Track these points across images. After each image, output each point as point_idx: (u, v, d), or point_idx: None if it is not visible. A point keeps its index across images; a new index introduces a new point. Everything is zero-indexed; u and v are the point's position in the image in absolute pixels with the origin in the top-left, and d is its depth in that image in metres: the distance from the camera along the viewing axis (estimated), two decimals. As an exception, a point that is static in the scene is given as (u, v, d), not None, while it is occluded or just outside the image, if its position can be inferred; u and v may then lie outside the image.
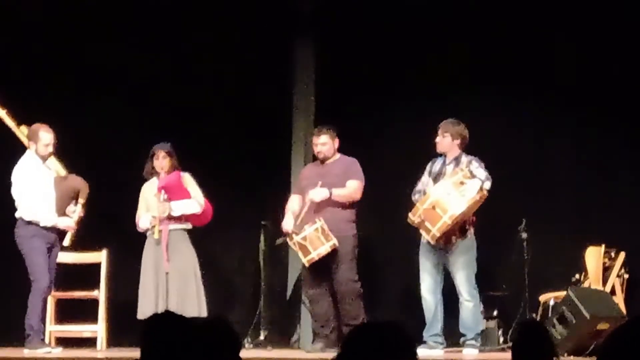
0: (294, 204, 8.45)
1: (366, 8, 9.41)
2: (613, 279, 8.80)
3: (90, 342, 8.83)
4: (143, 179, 8.49)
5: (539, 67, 9.22)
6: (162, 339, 3.07)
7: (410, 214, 7.89)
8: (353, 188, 8.30)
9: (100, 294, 8.82)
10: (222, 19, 9.57)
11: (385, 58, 9.53)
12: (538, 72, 9.20)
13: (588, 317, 7.50)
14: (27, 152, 8.16)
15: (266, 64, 9.65)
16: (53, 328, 8.78)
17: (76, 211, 8.16)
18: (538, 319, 8.51)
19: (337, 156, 8.47)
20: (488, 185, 7.91)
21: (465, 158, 8.07)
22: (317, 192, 8.20)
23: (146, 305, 8.07)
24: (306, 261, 8.13)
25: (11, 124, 8.36)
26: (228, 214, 8.74)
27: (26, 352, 7.87)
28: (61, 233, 8.15)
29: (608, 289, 8.70)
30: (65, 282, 8.63)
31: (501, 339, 8.80)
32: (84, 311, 8.85)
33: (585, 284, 8.75)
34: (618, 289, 8.78)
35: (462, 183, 7.83)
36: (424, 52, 9.41)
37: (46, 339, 8.36)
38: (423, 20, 9.32)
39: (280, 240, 8.69)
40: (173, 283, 8.14)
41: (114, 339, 8.85)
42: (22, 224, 8.04)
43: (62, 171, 8.27)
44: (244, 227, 9.48)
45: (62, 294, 8.74)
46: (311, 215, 8.21)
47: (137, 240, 8.41)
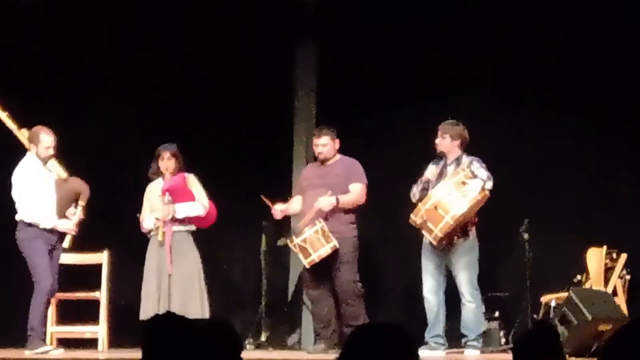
0: (296, 204, 8.47)
1: (367, 9, 9.41)
2: (615, 280, 8.80)
3: (91, 343, 8.84)
4: (144, 180, 8.47)
5: (540, 68, 9.22)
6: (164, 340, 3.07)
7: (412, 215, 7.88)
8: (357, 192, 8.28)
9: (101, 295, 8.83)
10: (223, 20, 9.57)
11: (386, 58, 9.53)
12: (539, 73, 9.20)
13: (590, 318, 7.50)
14: (28, 155, 8.15)
15: (267, 65, 9.66)
16: (54, 329, 8.78)
17: (77, 214, 8.14)
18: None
19: (338, 157, 8.46)
20: (490, 185, 7.90)
21: (466, 158, 8.06)
22: (326, 201, 8.16)
23: (149, 306, 8.06)
24: (307, 263, 8.12)
25: (12, 126, 8.35)
26: (229, 215, 8.74)
27: (27, 353, 7.86)
28: (62, 235, 8.14)
29: (610, 290, 8.69)
30: (66, 283, 8.62)
31: (503, 340, 8.79)
32: (85, 312, 8.85)
33: (586, 285, 8.75)
34: (620, 290, 8.77)
35: (464, 183, 7.82)
36: (425, 53, 9.41)
37: (47, 340, 8.36)
38: (424, 20, 9.32)
39: (281, 241, 8.68)
40: (176, 285, 8.12)
41: (115, 340, 8.85)
42: (23, 227, 8.03)
43: (63, 173, 8.26)
44: (245, 228, 9.48)
45: (64, 295, 8.73)
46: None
47: (139, 241, 8.40)
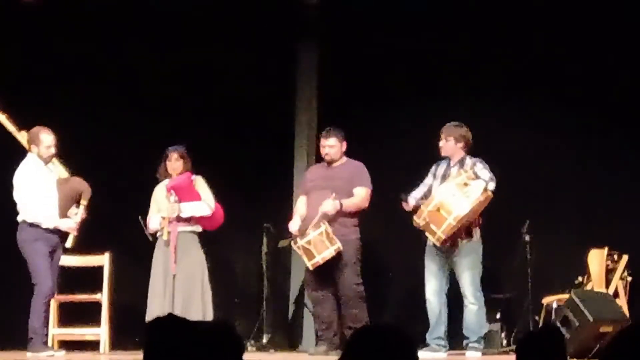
0: (301, 205, 8.44)
1: (368, 9, 9.41)
2: (616, 282, 8.80)
3: (93, 345, 8.85)
4: (145, 182, 8.48)
5: (542, 68, 9.22)
6: (165, 342, 3.07)
7: (415, 217, 7.88)
8: (362, 196, 8.26)
9: (103, 297, 8.83)
10: (225, 21, 9.58)
11: (387, 61, 9.53)
12: (540, 73, 9.20)
13: (591, 320, 7.49)
14: (29, 155, 8.14)
15: (268, 66, 9.66)
16: (56, 331, 8.79)
17: (78, 213, 8.14)
18: (542, 322, 8.53)
19: (344, 160, 8.44)
20: (492, 186, 7.89)
21: (469, 160, 8.06)
22: (330, 205, 8.14)
23: (155, 307, 8.06)
24: (310, 265, 8.10)
25: (11, 129, 8.35)
26: (231, 217, 8.74)
27: (29, 355, 7.85)
28: (63, 236, 8.14)
29: (611, 292, 8.69)
30: (68, 285, 8.64)
31: (504, 342, 8.79)
32: (87, 314, 8.86)
33: (588, 287, 8.75)
34: (621, 292, 8.77)
35: (466, 184, 7.82)
36: (426, 54, 9.41)
37: (49, 342, 8.35)
38: (424, 20, 9.32)
39: (283, 243, 8.68)
40: (179, 286, 8.12)
41: (117, 342, 8.86)
42: (24, 228, 8.02)
43: (65, 173, 8.26)
44: (247, 230, 9.48)
45: (65, 297, 8.75)
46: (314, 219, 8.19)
47: (140, 243, 8.40)
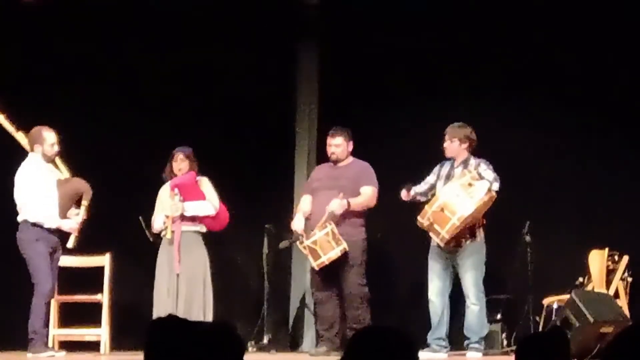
0: (305, 204, 8.42)
1: (368, 9, 9.41)
2: (616, 282, 8.79)
3: (93, 346, 8.84)
4: (146, 183, 8.50)
5: (542, 68, 9.21)
6: (165, 343, 3.06)
7: (419, 217, 7.88)
8: (368, 195, 8.26)
9: (103, 298, 8.83)
10: (225, 21, 9.57)
11: (387, 60, 9.53)
12: (541, 73, 9.20)
13: (592, 321, 7.48)
14: (30, 155, 8.14)
15: (269, 66, 9.66)
16: (56, 332, 8.79)
17: (80, 214, 8.14)
18: (542, 323, 8.52)
19: (350, 159, 8.44)
20: (496, 186, 7.90)
21: (474, 160, 8.08)
22: (338, 204, 8.13)
23: (160, 307, 8.06)
24: (316, 265, 8.09)
25: (10, 129, 8.35)
26: (231, 217, 8.74)
27: (29, 356, 7.86)
28: (63, 237, 8.14)
29: (611, 292, 8.68)
30: (68, 286, 8.63)
31: (505, 342, 8.79)
32: (88, 315, 8.85)
33: (588, 287, 8.74)
34: (622, 292, 8.76)
35: (471, 185, 7.83)
36: (426, 54, 9.41)
37: (50, 343, 8.36)
38: (424, 21, 9.31)
39: (283, 243, 8.67)
40: (182, 285, 8.13)
41: (117, 343, 8.86)
42: (25, 228, 8.02)
43: (66, 173, 8.26)
44: (247, 231, 9.47)
45: (66, 298, 8.74)
46: (320, 219, 8.17)
47: (141, 243, 8.41)
